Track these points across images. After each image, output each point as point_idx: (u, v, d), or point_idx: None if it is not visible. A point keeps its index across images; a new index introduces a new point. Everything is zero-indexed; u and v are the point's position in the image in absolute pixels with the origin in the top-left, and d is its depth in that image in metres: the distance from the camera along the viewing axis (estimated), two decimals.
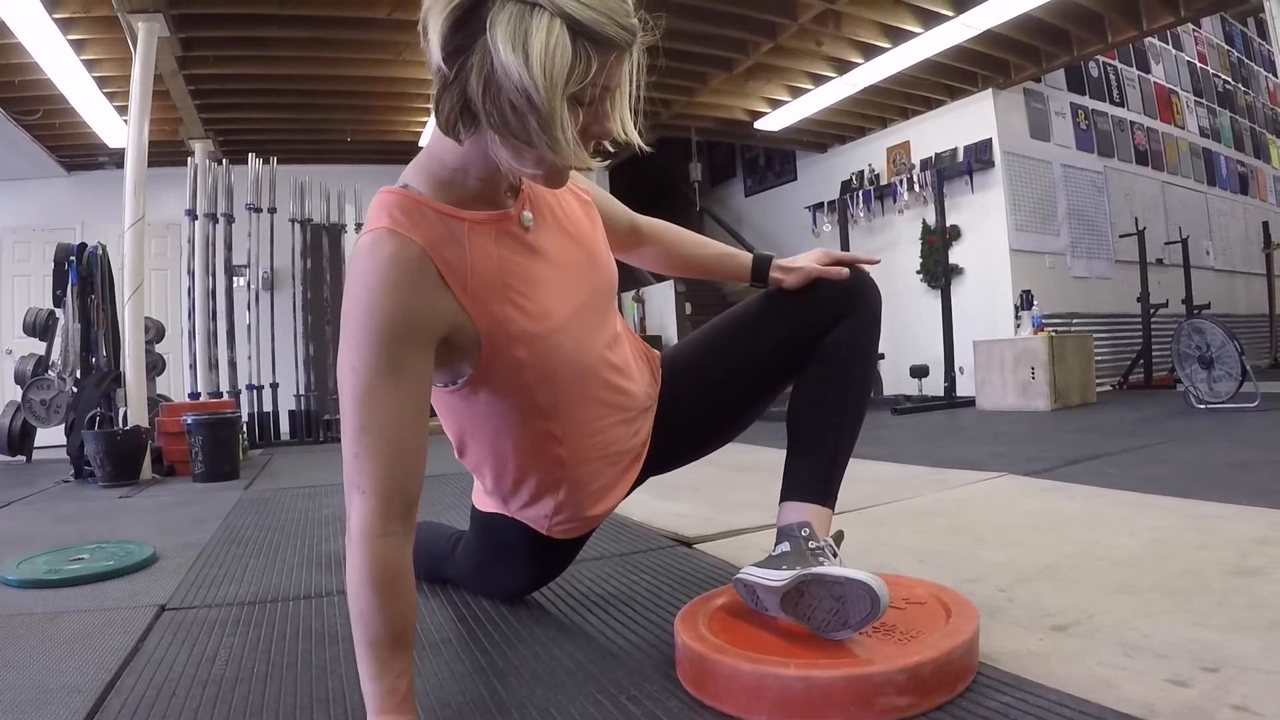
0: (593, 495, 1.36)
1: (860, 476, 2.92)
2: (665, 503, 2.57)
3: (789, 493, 1.34)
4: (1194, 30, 9.45)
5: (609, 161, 8.99)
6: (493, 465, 1.33)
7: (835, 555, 1.22)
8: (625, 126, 1.08)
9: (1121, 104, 8.21)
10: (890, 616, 1.18)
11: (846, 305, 1.39)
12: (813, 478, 1.33)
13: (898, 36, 6.07)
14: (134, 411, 4.45)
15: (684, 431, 1.49)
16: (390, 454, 0.99)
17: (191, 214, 6.43)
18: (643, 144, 1.11)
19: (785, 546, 1.24)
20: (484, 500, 1.45)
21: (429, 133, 1.14)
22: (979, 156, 7.05)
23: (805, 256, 1.45)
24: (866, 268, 1.46)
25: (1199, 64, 9.53)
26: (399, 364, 1.01)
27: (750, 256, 1.52)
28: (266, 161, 6.79)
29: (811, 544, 1.23)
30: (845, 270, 1.41)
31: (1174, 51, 9.13)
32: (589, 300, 1.27)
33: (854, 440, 1.39)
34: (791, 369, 1.44)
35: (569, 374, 1.23)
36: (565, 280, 1.23)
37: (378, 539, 0.98)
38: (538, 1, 0.91)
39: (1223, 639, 1.18)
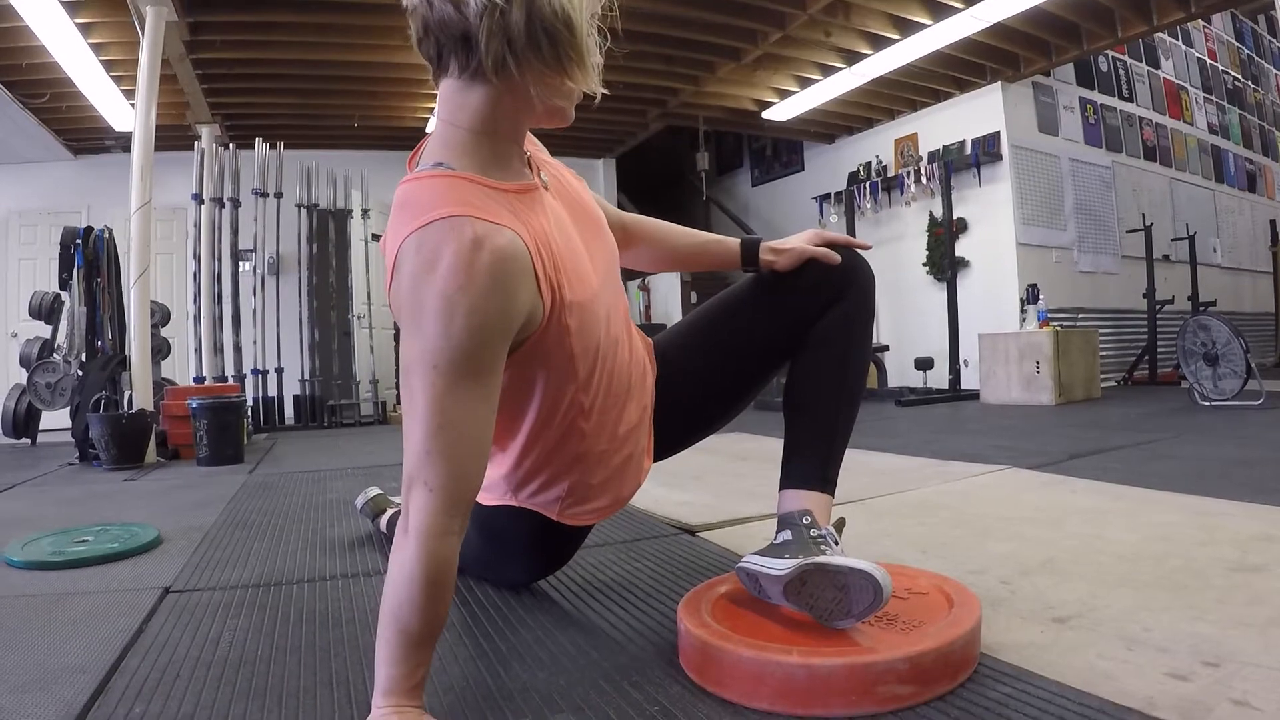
0: (606, 474, 1.35)
1: (864, 467, 2.93)
2: (669, 491, 2.57)
3: (789, 480, 1.34)
4: (1204, 26, 9.39)
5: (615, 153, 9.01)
6: (511, 442, 1.31)
7: (837, 544, 1.23)
8: None
9: (1130, 99, 8.17)
10: (893, 606, 1.18)
11: (840, 288, 1.38)
12: (812, 465, 1.33)
13: (907, 28, 6.04)
14: (139, 395, 4.46)
15: (679, 418, 1.48)
16: (463, 454, 0.98)
17: (198, 198, 6.44)
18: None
19: (787, 535, 1.24)
20: (486, 493, 1.41)
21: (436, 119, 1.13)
22: (987, 149, 7.03)
23: (797, 238, 1.43)
24: (864, 260, 1.44)
25: (1209, 60, 9.48)
26: (485, 364, 1.00)
27: (738, 241, 1.51)
28: (273, 146, 6.79)
29: (813, 532, 1.23)
30: (836, 254, 1.40)
31: (1184, 47, 9.08)
32: (608, 268, 1.28)
33: (852, 425, 1.39)
34: (785, 353, 1.43)
35: (603, 342, 1.24)
36: (589, 248, 1.24)
37: (439, 537, 0.96)
38: None
39: (1224, 634, 1.18)
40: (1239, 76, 10.01)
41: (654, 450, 1.47)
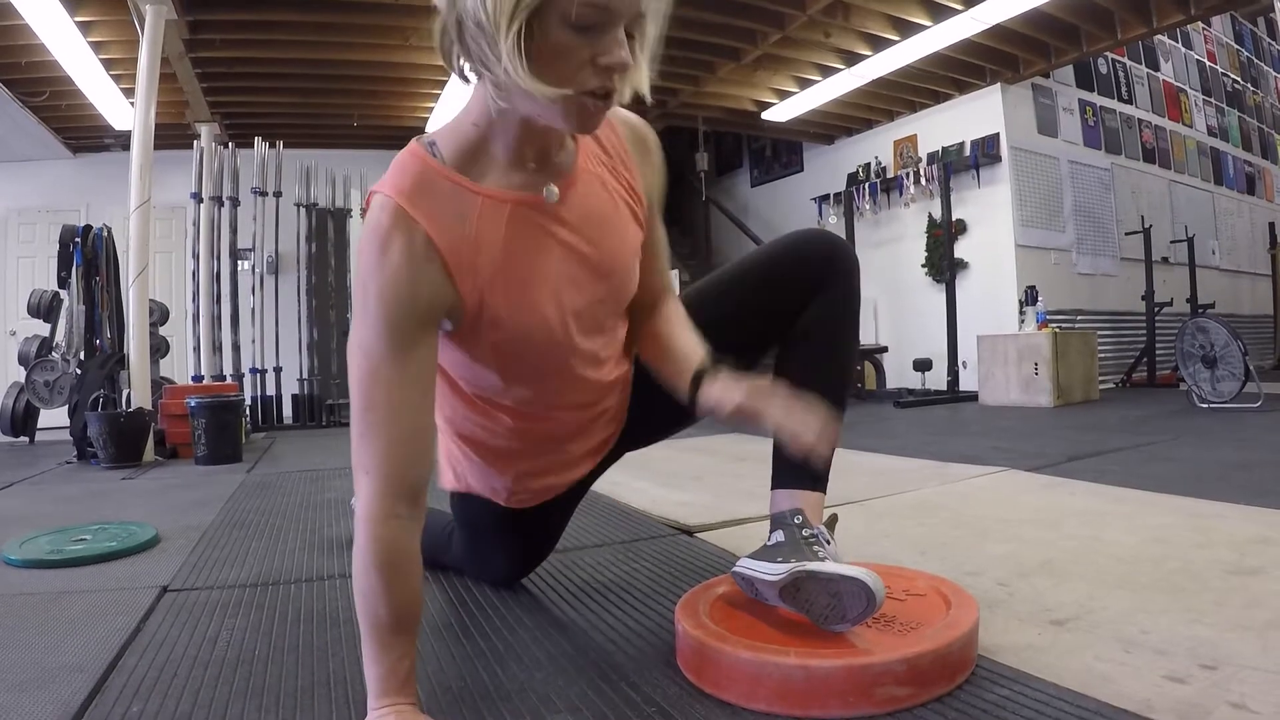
0: (546, 475, 1.37)
1: (862, 468, 2.93)
2: (667, 491, 2.57)
3: (779, 479, 1.32)
4: (1204, 29, 9.40)
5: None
6: (450, 434, 1.35)
7: (829, 542, 1.22)
8: (639, 73, 1.00)
9: (1130, 101, 8.17)
10: (890, 608, 1.18)
11: (822, 278, 1.33)
12: (802, 463, 1.30)
13: (907, 29, 6.05)
14: (137, 393, 4.46)
15: (657, 410, 1.41)
16: (395, 436, 0.99)
17: (197, 197, 6.43)
18: (648, 94, 1.02)
19: (779, 536, 1.24)
20: (448, 479, 1.43)
21: (435, 119, 1.11)
22: (986, 151, 7.03)
23: (753, 393, 1.11)
24: (846, 247, 1.37)
25: (1208, 63, 9.49)
26: (405, 345, 1.00)
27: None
28: (272, 145, 6.78)
29: (805, 532, 1.22)
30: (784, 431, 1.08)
31: (1183, 50, 9.09)
32: (590, 307, 1.19)
33: (840, 420, 1.35)
34: (767, 344, 1.40)
35: (545, 368, 1.20)
36: (573, 280, 1.15)
37: (382, 521, 0.97)
38: None
39: (1221, 637, 1.18)
40: (1238, 79, 10.02)
41: (633, 440, 1.47)
